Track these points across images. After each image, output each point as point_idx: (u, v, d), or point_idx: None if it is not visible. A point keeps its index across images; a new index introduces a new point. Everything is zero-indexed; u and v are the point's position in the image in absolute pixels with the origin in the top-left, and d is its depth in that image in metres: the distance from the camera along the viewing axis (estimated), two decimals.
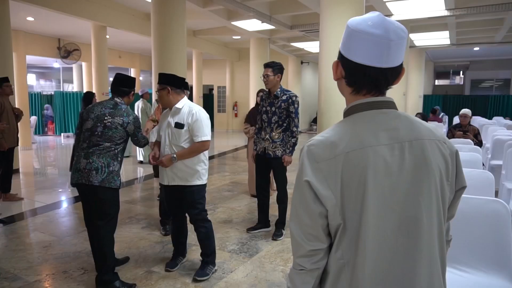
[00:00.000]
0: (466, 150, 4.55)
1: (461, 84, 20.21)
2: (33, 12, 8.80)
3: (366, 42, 0.93)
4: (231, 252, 3.49)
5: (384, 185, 0.91)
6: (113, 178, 2.78)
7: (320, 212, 0.94)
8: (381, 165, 0.91)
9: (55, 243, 3.67)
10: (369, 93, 0.99)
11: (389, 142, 0.93)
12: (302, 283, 1.01)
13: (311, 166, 0.94)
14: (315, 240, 0.96)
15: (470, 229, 2.14)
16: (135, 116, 2.94)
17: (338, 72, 1.03)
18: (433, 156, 0.95)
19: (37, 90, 17.65)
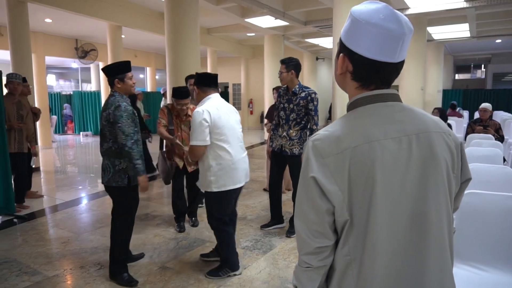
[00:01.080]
0: (487, 145, 4.41)
1: (482, 78, 19.64)
2: (51, 14, 9.00)
3: (380, 36, 0.89)
4: (245, 248, 3.50)
5: (393, 179, 0.89)
6: (120, 177, 2.74)
7: (327, 208, 0.91)
8: (389, 159, 0.89)
9: (73, 239, 3.76)
10: (378, 88, 0.96)
11: (396, 136, 0.91)
12: (309, 281, 0.99)
13: (317, 161, 0.91)
14: (321, 237, 0.94)
15: (489, 226, 2.08)
16: (117, 105, 2.66)
17: (344, 67, 0.98)
18: (440, 149, 0.93)
19: (57, 90, 18.07)
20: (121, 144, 2.66)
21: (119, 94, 2.78)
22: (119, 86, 2.76)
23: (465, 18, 9.21)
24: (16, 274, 3.01)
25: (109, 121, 2.68)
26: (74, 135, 14.54)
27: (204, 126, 2.64)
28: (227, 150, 2.75)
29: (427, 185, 0.91)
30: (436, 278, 0.91)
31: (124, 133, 2.66)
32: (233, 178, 2.78)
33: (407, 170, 0.90)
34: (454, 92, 16.92)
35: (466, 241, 2.07)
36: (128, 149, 2.67)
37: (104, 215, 4.52)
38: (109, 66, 2.82)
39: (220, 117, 2.73)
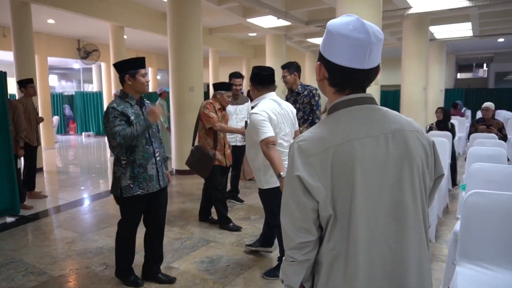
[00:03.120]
0: (490, 144, 4.42)
1: (484, 77, 19.58)
2: (53, 15, 9.03)
3: (349, 46, 0.97)
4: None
5: (372, 175, 0.96)
6: (116, 186, 2.60)
7: (311, 205, 0.98)
8: (368, 156, 0.97)
9: (78, 239, 3.77)
10: (352, 92, 1.04)
11: (374, 134, 0.99)
12: (294, 274, 1.06)
13: (302, 161, 0.98)
14: (305, 232, 1.01)
15: (495, 225, 2.08)
16: (107, 107, 2.52)
17: (321, 74, 1.07)
18: (414, 146, 1.01)
19: (59, 90, 18.11)
20: (111, 146, 2.50)
21: (124, 94, 2.59)
22: (130, 83, 2.54)
23: (467, 17, 9.19)
24: (23, 274, 3.03)
25: (104, 124, 2.56)
26: (76, 135, 14.58)
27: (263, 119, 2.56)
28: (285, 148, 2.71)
29: (404, 180, 0.98)
30: (416, 264, 0.98)
31: (110, 133, 2.46)
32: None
33: (385, 166, 0.97)
34: (456, 91, 16.87)
35: (472, 240, 2.07)
36: (120, 140, 2.42)
37: (107, 216, 4.53)
38: (120, 61, 2.62)
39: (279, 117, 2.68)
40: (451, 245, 2.62)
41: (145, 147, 2.61)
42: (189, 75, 6.78)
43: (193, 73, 6.81)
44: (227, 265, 3.16)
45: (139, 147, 2.58)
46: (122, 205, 2.71)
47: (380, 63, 1.05)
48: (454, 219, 4.28)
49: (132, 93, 2.60)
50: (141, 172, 2.58)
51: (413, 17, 8.77)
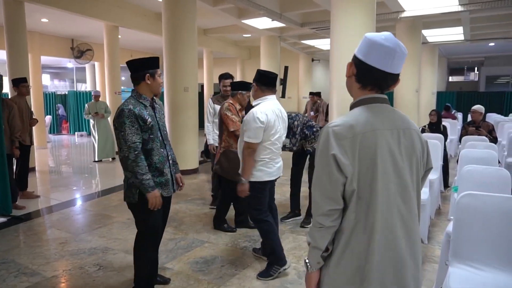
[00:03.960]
0: (481, 147, 4.48)
1: (475, 80, 19.84)
2: (47, 14, 8.96)
3: (379, 51, 1.22)
4: (243, 248, 3.51)
5: (388, 160, 1.20)
6: (131, 192, 2.41)
7: (342, 180, 1.19)
8: (386, 144, 1.21)
9: (71, 239, 3.75)
10: (373, 89, 1.27)
11: (390, 128, 1.23)
12: (321, 238, 1.25)
13: (336, 142, 1.19)
14: (333, 202, 1.21)
15: (486, 226, 2.12)
16: (121, 109, 2.32)
17: (350, 71, 1.31)
18: (416, 141, 1.27)
19: (52, 90, 17.95)
20: (124, 157, 2.31)
21: (137, 94, 2.43)
22: (149, 82, 2.41)
23: (459, 21, 9.32)
24: (15, 275, 3.00)
25: (115, 127, 2.36)
26: (69, 135, 14.46)
27: (260, 127, 2.76)
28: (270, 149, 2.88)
29: (409, 167, 1.24)
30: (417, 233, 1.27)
31: (127, 143, 2.29)
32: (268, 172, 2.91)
33: (397, 154, 1.22)
34: (448, 94, 17.07)
35: (465, 241, 2.11)
36: (131, 163, 2.29)
37: (100, 216, 4.51)
38: (138, 59, 2.45)
39: (275, 120, 2.86)
40: (443, 246, 2.65)
41: (159, 150, 2.48)
42: (183, 76, 6.77)
43: (188, 73, 6.81)
44: (221, 265, 3.17)
45: (154, 150, 2.44)
46: (140, 212, 2.47)
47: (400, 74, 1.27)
48: (446, 220, 4.33)
49: (147, 94, 2.45)
50: (157, 176, 2.44)
51: (406, 21, 8.87)
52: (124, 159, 2.32)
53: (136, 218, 2.55)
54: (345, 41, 5.03)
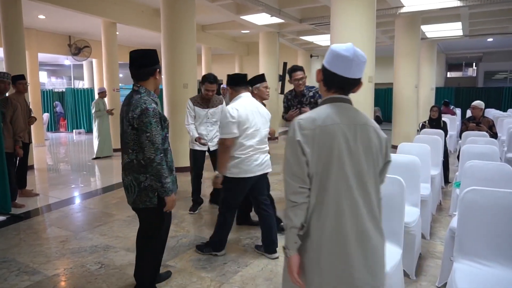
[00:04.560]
0: (482, 142, 4.48)
1: (473, 76, 19.84)
2: (44, 10, 8.88)
3: (339, 60, 1.44)
4: (246, 246, 3.50)
5: (344, 149, 1.40)
6: (147, 196, 2.29)
7: (306, 160, 1.39)
8: (342, 136, 1.40)
9: (72, 237, 3.73)
10: (337, 92, 1.50)
11: (348, 123, 1.43)
12: (295, 216, 1.39)
13: (299, 132, 1.41)
14: (301, 181, 1.40)
15: (491, 222, 2.11)
16: (144, 108, 2.18)
17: (319, 77, 1.54)
18: (373, 136, 1.46)
19: (49, 87, 17.85)
20: (149, 159, 2.20)
21: (147, 91, 2.29)
22: (158, 78, 2.33)
23: (458, 16, 9.29)
24: (16, 273, 2.98)
25: (133, 127, 2.21)
26: (67, 133, 14.40)
27: (231, 121, 2.95)
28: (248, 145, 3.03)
29: (365, 157, 1.43)
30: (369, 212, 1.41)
31: (154, 145, 2.19)
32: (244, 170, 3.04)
33: (353, 145, 1.41)
34: (446, 90, 17.09)
35: (469, 237, 2.10)
36: (156, 165, 2.20)
37: (101, 214, 4.49)
38: (148, 52, 2.30)
39: (247, 115, 3.01)
40: (447, 241, 2.65)
41: (169, 148, 2.44)
42: (182, 72, 6.73)
43: (187, 70, 6.77)
44: (224, 263, 3.16)
45: (168, 149, 2.41)
46: (157, 215, 2.40)
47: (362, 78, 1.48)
48: (448, 216, 4.34)
49: (153, 90, 2.36)
50: (169, 175, 2.35)
51: (405, 16, 8.84)
52: (149, 162, 2.21)
53: (150, 223, 2.45)
54: (345, 37, 5.00)
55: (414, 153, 3.87)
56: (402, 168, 3.16)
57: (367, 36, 4.99)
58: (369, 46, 5.05)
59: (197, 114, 4.24)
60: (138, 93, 2.29)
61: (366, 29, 4.97)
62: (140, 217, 2.49)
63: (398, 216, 2.30)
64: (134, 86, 2.33)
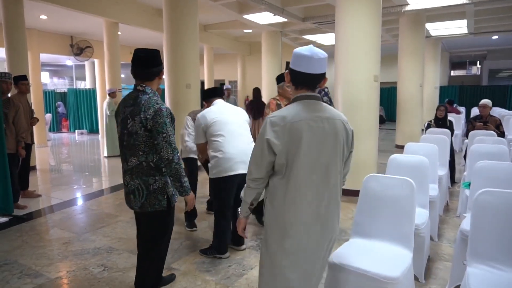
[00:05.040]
0: (491, 142, 4.41)
1: (478, 74, 19.69)
2: (46, 10, 8.85)
3: (301, 59, 1.63)
4: (250, 248, 3.45)
5: (312, 141, 1.61)
6: (157, 199, 2.26)
7: (269, 159, 1.63)
8: (309, 130, 1.60)
9: (74, 239, 3.68)
10: (303, 89, 1.67)
11: (315, 118, 1.62)
12: (247, 195, 1.75)
13: (270, 129, 1.61)
14: (260, 172, 1.67)
15: (502, 224, 2.04)
16: (157, 108, 2.15)
17: (287, 78, 1.71)
18: (340, 129, 1.67)
19: (51, 88, 17.85)
20: (168, 160, 2.18)
21: (153, 91, 2.26)
22: (160, 79, 2.31)
23: (463, 14, 9.20)
24: (18, 276, 2.94)
25: (146, 128, 2.15)
26: (69, 133, 14.39)
27: (200, 127, 3.12)
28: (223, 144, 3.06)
29: (332, 147, 1.65)
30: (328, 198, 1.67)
31: (171, 146, 2.18)
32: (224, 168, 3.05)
33: (320, 138, 1.62)
34: (450, 88, 16.96)
35: (483, 240, 2.04)
36: (175, 165, 2.20)
37: (104, 215, 4.45)
38: (154, 52, 2.27)
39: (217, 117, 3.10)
40: (458, 244, 2.59)
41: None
42: (185, 72, 6.68)
43: (190, 70, 6.72)
44: (228, 265, 3.10)
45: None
46: (165, 218, 2.38)
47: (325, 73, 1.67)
48: (455, 217, 4.27)
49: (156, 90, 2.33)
50: None
51: (410, 14, 8.76)
52: (167, 163, 2.20)
53: (158, 227, 2.38)
54: (350, 35, 4.93)
55: (421, 153, 3.80)
56: (410, 168, 3.10)
57: (372, 34, 4.92)
58: (375, 44, 4.97)
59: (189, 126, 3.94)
60: (144, 93, 2.23)
61: (372, 27, 4.89)
62: (146, 221, 2.43)
63: (408, 219, 2.24)
64: (138, 86, 2.27)
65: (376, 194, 2.38)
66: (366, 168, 4.95)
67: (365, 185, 2.43)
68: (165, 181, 2.29)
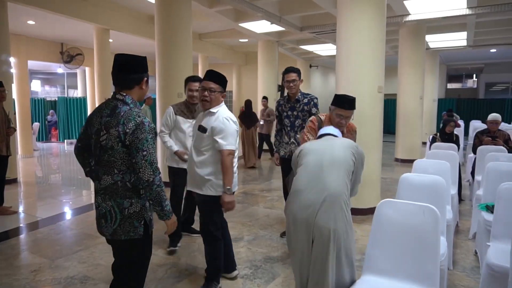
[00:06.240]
0: (504, 159, 4.08)
1: (474, 87, 19.64)
2: (33, 15, 8.50)
3: None
4: (244, 278, 3.06)
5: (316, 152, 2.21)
6: (132, 225, 1.92)
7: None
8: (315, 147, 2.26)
9: (46, 266, 3.26)
10: None
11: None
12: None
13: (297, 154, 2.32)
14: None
15: None
16: (139, 122, 1.85)
17: None
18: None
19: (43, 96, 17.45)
20: (148, 182, 1.85)
21: (134, 102, 1.95)
22: (144, 88, 2.00)
23: (464, 26, 9.02)
24: None
25: (124, 143, 1.86)
26: (59, 143, 13.94)
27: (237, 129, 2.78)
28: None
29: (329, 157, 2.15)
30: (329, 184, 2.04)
31: (152, 166, 1.86)
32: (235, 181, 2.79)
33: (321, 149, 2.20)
34: (447, 101, 16.82)
35: None
36: (156, 188, 1.87)
37: (83, 236, 4.04)
38: (136, 58, 1.98)
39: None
40: (485, 279, 2.23)
41: None
42: (178, 81, 6.33)
43: (182, 78, 6.33)
44: None
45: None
46: (142, 247, 2.02)
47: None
48: (468, 239, 3.92)
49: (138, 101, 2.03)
50: None
51: (410, 25, 8.55)
52: (147, 185, 1.86)
53: (133, 258, 2.02)
54: (353, 44, 4.63)
55: (431, 170, 3.48)
56: (425, 189, 2.76)
57: (377, 42, 4.62)
58: (379, 53, 4.68)
59: (178, 126, 3.51)
60: (124, 103, 1.92)
61: (376, 35, 4.60)
62: (119, 251, 2.06)
63: (433, 253, 1.88)
64: (117, 94, 1.95)
65: (393, 223, 2.02)
66: (370, 183, 4.64)
67: (379, 212, 2.08)
68: (142, 205, 1.95)
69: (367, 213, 4.61)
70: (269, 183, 6.81)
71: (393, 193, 6.14)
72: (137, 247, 1.99)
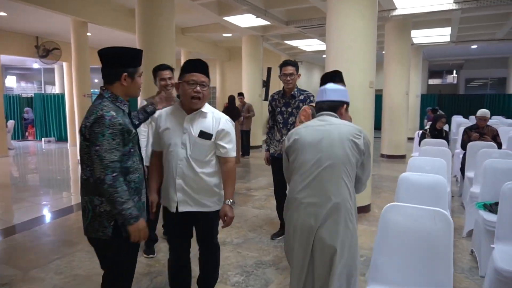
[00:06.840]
0: (497, 155, 4.02)
1: (454, 83, 19.97)
2: (5, 7, 8.02)
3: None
4: (235, 285, 2.88)
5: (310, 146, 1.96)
6: (101, 224, 1.80)
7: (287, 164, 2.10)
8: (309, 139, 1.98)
9: (18, 279, 2.99)
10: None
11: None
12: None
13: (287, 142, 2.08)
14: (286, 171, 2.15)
15: None
16: (99, 115, 1.73)
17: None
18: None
19: (18, 92, 16.74)
20: (99, 179, 1.72)
21: (112, 95, 1.83)
22: (125, 85, 1.83)
23: (449, 21, 9.03)
24: None
25: (85, 137, 1.76)
26: (36, 141, 13.38)
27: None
28: None
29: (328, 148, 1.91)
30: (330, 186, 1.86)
31: (103, 163, 1.71)
32: None
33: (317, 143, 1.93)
34: (429, 96, 17.02)
35: None
36: (107, 187, 1.72)
37: (60, 242, 3.77)
38: (115, 50, 1.83)
39: None
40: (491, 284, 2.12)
41: (139, 165, 1.92)
42: None
43: None
44: None
45: (134, 166, 1.87)
46: (113, 252, 1.87)
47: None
48: (462, 238, 3.85)
49: (123, 96, 1.87)
50: (136, 201, 1.86)
51: (396, 20, 8.49)
52: (99, 182, 1.73)
53: (105, 259, 1.92)
54: (344, 38, 4.48)
55: (428, 168, 3.37)
56: (426, 189, 2.63)
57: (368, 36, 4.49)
58: (371, 47, 4.55)
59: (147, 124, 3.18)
60: (101, 97, 1.85)
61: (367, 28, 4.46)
62: (96, 249, 1.93)
63: (446, 261, 1.75)
64: (100, 89, 1.90)
65: (400, 229, 1.88)
66: None
67: (384, 217, 1.93)
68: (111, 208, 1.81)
69: (359, 212, 4.49)
70: (256, 181, 6.63)
71: (383, 190, 6.10)
72: (111, 248, 1.86)
